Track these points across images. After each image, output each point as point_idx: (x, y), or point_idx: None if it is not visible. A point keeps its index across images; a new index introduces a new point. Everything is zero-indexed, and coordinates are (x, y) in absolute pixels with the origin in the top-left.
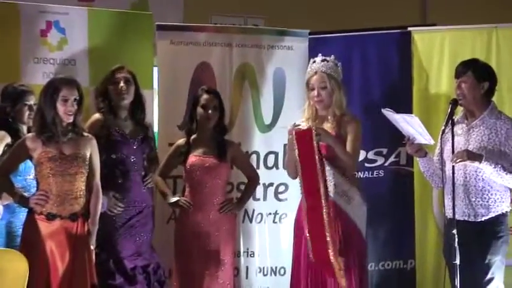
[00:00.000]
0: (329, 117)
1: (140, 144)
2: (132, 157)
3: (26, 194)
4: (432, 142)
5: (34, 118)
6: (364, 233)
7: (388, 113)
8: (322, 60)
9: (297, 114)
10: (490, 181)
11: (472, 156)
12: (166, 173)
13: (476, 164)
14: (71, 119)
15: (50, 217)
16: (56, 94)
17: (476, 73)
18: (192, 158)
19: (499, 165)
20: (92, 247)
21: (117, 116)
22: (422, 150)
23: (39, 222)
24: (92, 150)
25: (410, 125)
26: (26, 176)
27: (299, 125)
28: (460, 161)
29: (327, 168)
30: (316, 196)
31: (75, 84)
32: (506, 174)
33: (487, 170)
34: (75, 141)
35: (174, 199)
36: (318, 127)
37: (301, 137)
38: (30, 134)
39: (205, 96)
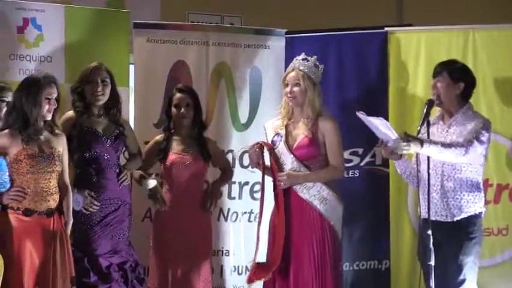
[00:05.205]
0: (303, 118)
1: (114, 141)
2: (106, 155)
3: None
4: None
5: (9, 115)
6: (339, 233)
7: (362, 116)
8: (303, 59)
9: (273, 113)
10: (463, 182)
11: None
12: (145, 169)
13: (417, 149)
14: (49, 117)
15: (28, 213)
16: (41, 92)
17: (452, 74)
18: (172, 156)
19: (439, 144)
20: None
21: (91, 114)
22: (396, 153)
23: (12, 219)
24: (63, 147)
25: (382, 127)
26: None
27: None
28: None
29: (302, 171)
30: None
31: (55, 83)
32: (445, 149)
33: (431, 152)
34: (51, 138)
35: (153, 183)
36: (281, 174)
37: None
38: (6, 131)
39: (177, 95)
